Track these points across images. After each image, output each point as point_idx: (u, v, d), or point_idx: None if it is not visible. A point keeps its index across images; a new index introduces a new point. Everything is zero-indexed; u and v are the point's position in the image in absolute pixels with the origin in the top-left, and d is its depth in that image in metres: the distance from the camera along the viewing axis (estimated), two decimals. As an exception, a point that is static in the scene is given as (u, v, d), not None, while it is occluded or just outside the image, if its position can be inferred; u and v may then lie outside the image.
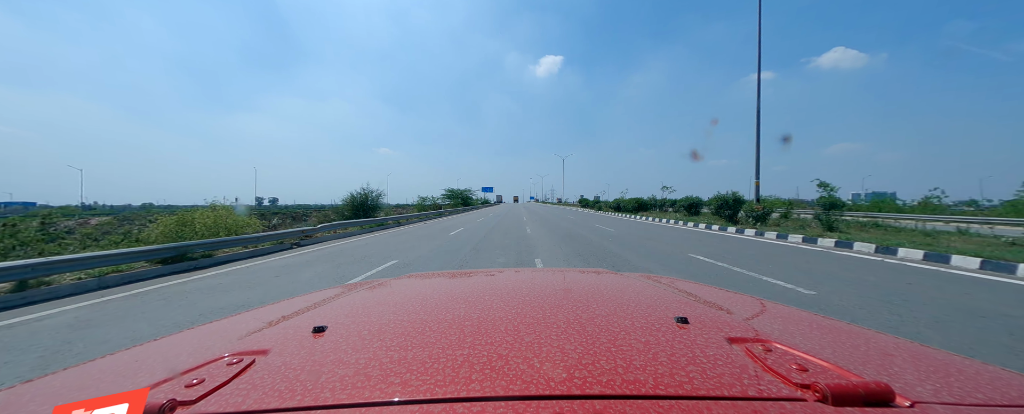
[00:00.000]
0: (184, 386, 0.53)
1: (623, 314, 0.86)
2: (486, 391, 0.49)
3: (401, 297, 1.12)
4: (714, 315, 0.87)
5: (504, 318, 0.81)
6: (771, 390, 0.49)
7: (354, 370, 0.57)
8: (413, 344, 0.67)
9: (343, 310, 0.97)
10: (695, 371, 0.54)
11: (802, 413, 0.44)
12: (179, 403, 0.48)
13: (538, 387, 0.49)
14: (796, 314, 0.93)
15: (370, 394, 0.49)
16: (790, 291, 5.11)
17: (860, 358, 0.65)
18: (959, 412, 0.46)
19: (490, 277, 1.45)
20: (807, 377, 0.51)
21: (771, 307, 1.00)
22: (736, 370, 0.55)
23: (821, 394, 0.47)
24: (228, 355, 0.65)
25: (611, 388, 0.49)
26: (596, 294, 1.10)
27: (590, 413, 0.43)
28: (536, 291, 1.13)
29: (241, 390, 0.52)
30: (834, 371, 0.55)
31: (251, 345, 0.72)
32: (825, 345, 0.71)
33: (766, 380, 0.52)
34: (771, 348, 0.63)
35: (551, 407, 0.44)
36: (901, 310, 4.16)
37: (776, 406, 0.45)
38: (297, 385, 0.53)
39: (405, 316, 0.89)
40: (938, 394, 0.51)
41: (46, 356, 3.39)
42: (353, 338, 0.72)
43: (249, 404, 0.48)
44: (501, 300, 0.99)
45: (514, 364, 0.57)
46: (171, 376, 0.58)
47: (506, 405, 0.45)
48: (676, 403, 0.46)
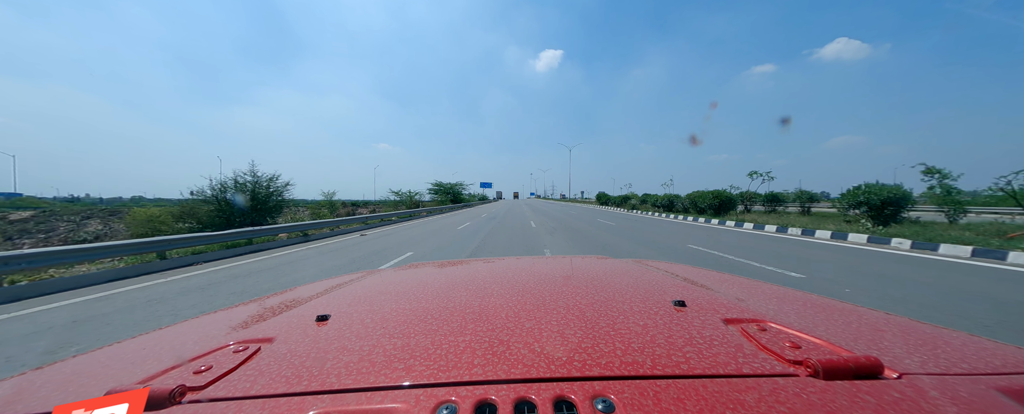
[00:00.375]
0: (192, 372, 0.54)
1: (622, 298, 0.87)
2: (488, 375, 0.50)
3: (403, 285, 1.13)
4: (710, 297, 0.89)
5: (505, 304, 0.82)
6: (765, 367, 0.51)
7: (358, 356, 0.58)
8: (415, 331, 0.68)
9: (346, 299, 0.98)
10: (692, 351, 0.56)
11: (795, 388, 0.45)
12: (189, 389, 0.50)
13: (539, 370, 0.51)
14: (790, 294, 0.95)
15: (374, 379, 0.50)
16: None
17: (851, 334, 0.67)
18: (945, 382, 0.48)
19: (491, 265, 1.46)
20: (800, 354, 0.53)
21: (766, 288, 1.02)
22: (732, 349, 0.57)
23: (813, 369, 0.49)
24: (234, 343, 0.66)
25: (611, 369, 0.51)
26: (595, 279, 1.12)
27: (590, 394, 0.45)
28: (536, 277, 1.15)
29: (248, 376, 0.53)
30: (826, 347, 0.56)
31: (256, 333, 0.73)
32: (817, 323, 0.73)
33: (761, 358, 0.54)
34: (765, 327, 0.64)
35: (552, 389, 0.46)
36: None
37: (770, 382, 0.47)
38: (302, 371, 0.54)
39: (407, 304, 0.90)
40: (925, 366, 0.53)
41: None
42: (356, 326, 0.73)
43: (256, 389, 0.50)
44: (502, 287, 1.00)
45: (515, 348, 0.58)
46: (179, 363, 0.59)
47: (508, 387, 0.46)
48: (674, 382, 0.47)
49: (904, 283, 4.90)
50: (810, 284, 4.93)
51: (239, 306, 1.04)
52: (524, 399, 0.44)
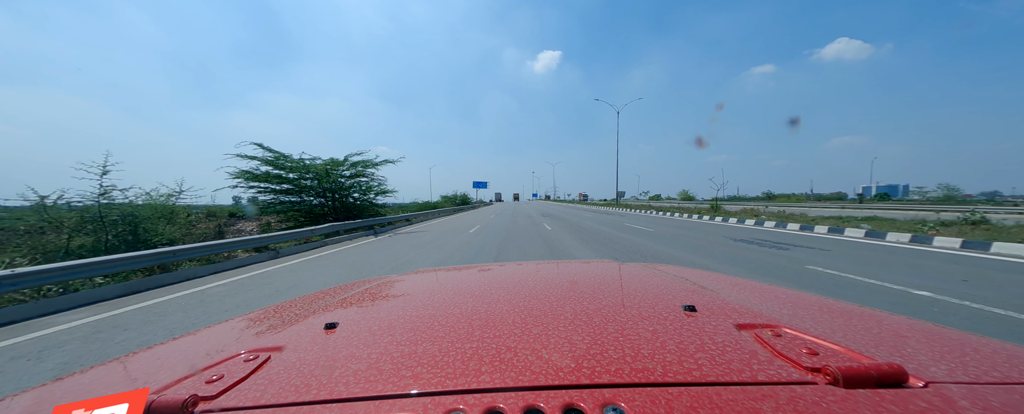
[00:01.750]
0: (204, 382, 0.55)
1: (630, 304, 0.86)
2: (496, 383, 0.49)
3: (410, 293, 1.13)
4: (721, 302, 0.87)
5: (512, 311, 0.81)
6: (781, 375, 0.49)
7: (366, 364, 0.58)
8: (423, 338, 0.68)
9: (353, 307, 0.98)
10: (704, 358, 0.54)
11: (813, 396, 0.44)
12: (200, 398, 0.50)
13: (548, 378, 0.50)
14: (805, 298, 0.92)
15: (382, 387, 0.50)
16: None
17: (872, 340, 0.64)
18: (975, 391, 0.46)
19: (497, 271, 1.45)
20: (817, 361, 0.51)
21: (780, 292, 0.99)
22: (745, 356, 0.55)
23: (832, 377, 0.46)
24: (244, 352, 0.66)
25: (620, 377, 0.49)
26: (602, 285, 1.10)
27: (600, 402, 0.44)
28: (543, 283, 1.14)
29: (259, 385, 0.53)
30: (845, 354, 0.54)
31: (266, 342, 0.74)
32: (836, 328, 0.70)
33: (776, 365, 0.52)
34: (780, 333, 0.62)
35: (561, 397, 0.45)
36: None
37: (787, 390, 0.45)
38: (312, 379, 0.54)
39: (414, 311, 0.90)
40: (953, 374, 0.50)
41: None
42: (364, 334, 0.73)
43: (267, 398, 0.50)
44: (508, 293, 1.00)
45: (523, 356, 0.57)
46: (191, 373, 0.60)
47: (516, 395, 0.46)
48: (686, 390, 0.46)
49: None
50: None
51: (249, 315, 1.05)
52: (533, 407, 0.43)
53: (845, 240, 9.24)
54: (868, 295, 4.23)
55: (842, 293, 4.41)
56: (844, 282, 4.87)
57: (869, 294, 4.27)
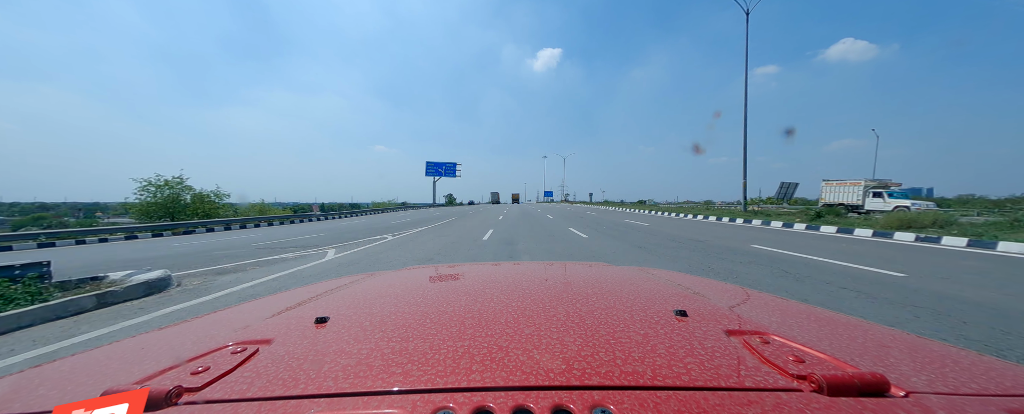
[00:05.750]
0: (189, 373, 0.54)
1: (622, 307, 0.86)
2: (486, 382, 0.49)
3: (402, 289, 1.13)
4: (712, 308, 0.88)
5: (504, 310, 0.82)
6: (768, 381, 0.50)
7: (356, 360, 0.57)
8: (414, 335, 0.68)
9: (345, 302, 0.98)
10: (693, 362, 0.55)
11: (798, 403, 0.44)
12: (185, 390, 0.49)
13: (537, 378, 0.50)
14: (794, 306, 0.94)
15: (371, 383, 0.50)
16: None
17: (857, 349, 0.66)
18: (953, 402, 0.47)
19: (491, 270, 1.45)
20: (804, 368, 0.52)
21: (770, 300, 1.01)
22: (734, 361, 0.56)
23: (817, 385, 0.47)
24: (232, 344, 0.66)
25: (610, 379, 0.50)
26: (595, 287, 1.11)
27: (589, 404, 0.44)
28: (536, 284, 1.14)
29: (245, 378, 0.53)
30: (830, 362, 0.55)
31: (255, 335, 0.73)
32: (822, 337, 0.71)
33: (763, 371, 0.52)
34: (768, 340, 0.63)
35: (550, 397, 0.45)
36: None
37: (772, 397, 0.46)
38: (300, 374, 0.53)
39: (406, 308, 0.90)
40: (933, 385, 0.51)
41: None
42: (354, 329, 0.73)
43: (254, 391, 0.49)
44: (501, 293, 1.00)
45: (514, 355, 0.57)
46: (177, 364, 0.59)
47: (506, 395, 0.46)
48: (674, 394, 0.46)
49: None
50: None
51: (239, 306, 1.03)
52: (522, 407, 0.43)
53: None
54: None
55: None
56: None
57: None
